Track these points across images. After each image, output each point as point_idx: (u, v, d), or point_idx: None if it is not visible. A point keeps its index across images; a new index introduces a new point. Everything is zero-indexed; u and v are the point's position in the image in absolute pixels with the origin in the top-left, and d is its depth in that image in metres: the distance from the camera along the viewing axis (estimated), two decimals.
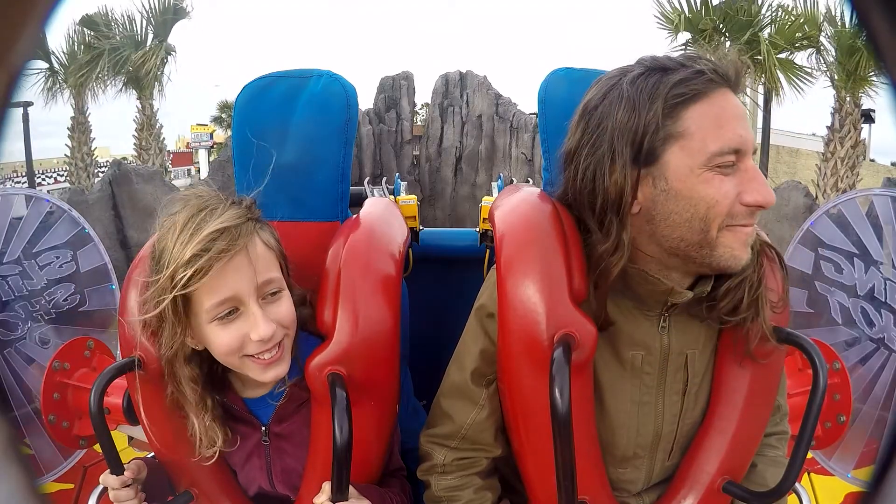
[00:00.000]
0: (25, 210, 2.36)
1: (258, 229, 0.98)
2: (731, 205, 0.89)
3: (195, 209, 0.94)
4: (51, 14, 0.38)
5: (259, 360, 0.97)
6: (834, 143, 8.95)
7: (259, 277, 0.95)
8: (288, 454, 1.08)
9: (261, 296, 0.96)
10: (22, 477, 0.40)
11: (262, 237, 0.99)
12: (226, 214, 0.94)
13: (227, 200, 0.98)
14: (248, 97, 1.27)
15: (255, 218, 0.99)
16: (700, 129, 0.88)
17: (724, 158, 0.88)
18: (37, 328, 2.30)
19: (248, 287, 0.94)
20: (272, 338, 0.96)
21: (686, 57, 0.93)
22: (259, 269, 0.95)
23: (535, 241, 0.99)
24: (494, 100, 8.90)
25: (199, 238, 0.90)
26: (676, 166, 0.89)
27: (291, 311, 1.00)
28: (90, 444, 1.98)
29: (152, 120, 11.14)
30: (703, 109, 0.89)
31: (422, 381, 1.45)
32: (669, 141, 0.89)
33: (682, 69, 0.90)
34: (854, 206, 2.26)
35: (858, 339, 2.22)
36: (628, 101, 0.90)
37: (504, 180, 1.90)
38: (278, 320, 0.97)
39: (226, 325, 0.95)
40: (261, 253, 0.97)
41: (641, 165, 0.91)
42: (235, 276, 0.93)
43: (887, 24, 0.39)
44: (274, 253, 1.00)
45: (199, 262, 0.89)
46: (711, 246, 0.90)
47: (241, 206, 0.98)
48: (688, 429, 1.06)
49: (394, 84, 9.04)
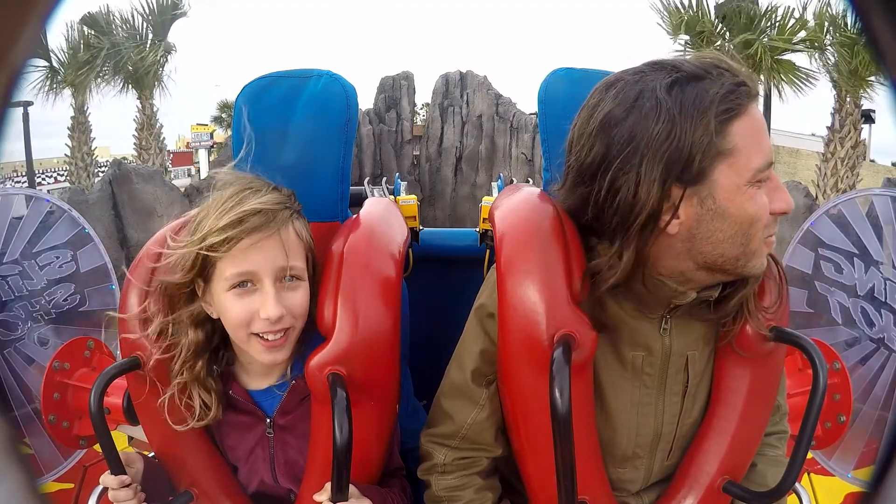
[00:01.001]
0: (25, 210, 2.36)
1: (293, 218, 1.04)
2: (766, 216, 0.89)
3: (241, 187, 1.01)
4: (51, 14, 0.38)
5: (263, 340, 1.00)
6: (834, 144, 8.96)
7: (282, 261, 0.99)
8: (291, 446, 1.09)
9: (279, 279, 1.00)
10: (22, 477, 0.40)
11: (296, 226, 1.04)
12: (267, 197, 1.00)
13: (270, 186, 1.04)
14: (248, 97, 1.27)
15: (293, 208, 1.05)
16: (745, 146, 0.86)
17: (765, 174, 0.88)
18: (37, 328, 2.30)
19: (269, 267, 0.98)
20: (280, 321, 0.99)
21: (709, 64, 0.88)
22: (284, 254, 0.99)
23: (535, 241, 0.99)
24: (494, 100, 8.91)
25: (237, 211, 0.96)
26: (725, 185, 0.86)
27: (305, 303, 1.03)
28: (90, 444, 1.98)
29: (152, 119, 11.15)
30: (745, 124, 0.87)
31: (422, 381, 1.45)
32: (718, 158, 0.85)
33: (716, 79, 0.86)
34: (854, 206, 2.26)
35: (858, 339, 2.22)
36: (668, 115, 0.83)
37: (504, 180, 1.90)
38: (289, 307, 1.00)
39: (240, 296, 0.99)
40: (291, 240, 1.02)
41: (687, 184, 0.85)
42: (261, 254, 0.98)
43: (888, 25, 0.39)
44: (303, 244, 1.04)
45: (230, 231, 0.95)
46: (748, 258, 0.90)
47: (282, 194, 1.04)
48: (687, 429, 1.06)
49: (394, 84, 9.04)
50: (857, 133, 9.00)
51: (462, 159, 8.71)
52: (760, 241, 0.90)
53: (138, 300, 1.05)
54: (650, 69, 0.89)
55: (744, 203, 0.87)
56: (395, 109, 8.92)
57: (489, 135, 8.75)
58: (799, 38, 9.04)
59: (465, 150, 8.71)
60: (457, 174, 8.74)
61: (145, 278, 1.06)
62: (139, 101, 11.09)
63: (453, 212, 8.61)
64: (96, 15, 10.55)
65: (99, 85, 10.68)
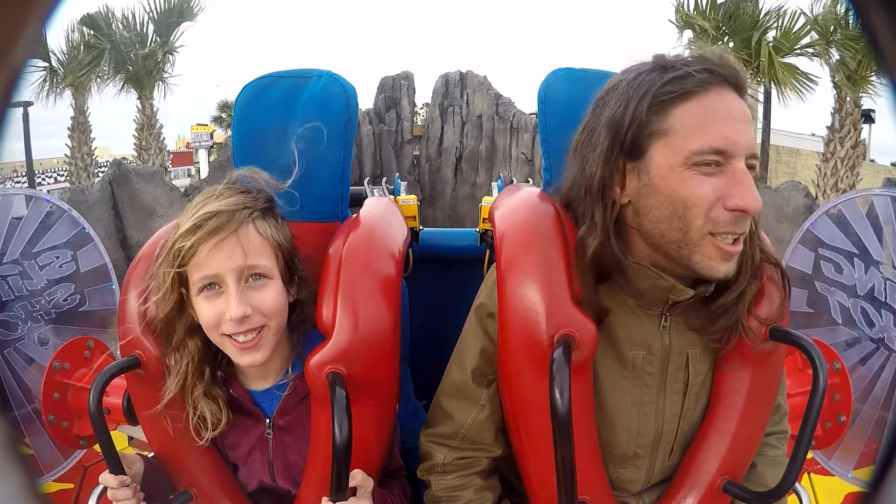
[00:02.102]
0: (25, 210, 2.36)
1: (256, 218, 1.02)
2: (711, 208, 0.87)
3: (206, 195, 1.02)
4: (51, 14, 0.38)
5: (235, 341, 1.00)
6: (834, 144, 8.95)
7: (241, 261, 0.98)
8: (290, 448, 1.09)
9: (244, 279, 0.99)
10: (22, 477, 0.40)
11: (259, 225, 1.02)
12: (224, 201, 1.00)
13: (239, 191, 1.03)
14: (248, 97, 1.27)
15: (255, 207, 1.02)
16: (684, 128, 0.88)
17: (704, 157, 0.87)
18: (37, 328, 2.30)
19: (229, 267, 0.98)
20: (247, 320, 0.98)
21: (695, 57, 0.93)
22: (244, 255, 0.98)
23: (535, 241, 0.99)
24: (494, 100, 8.90)
25: (196, 215, 0.97)
26: (658, 163, 0.90)
27: (276, 301, 1.02)
28: (90, 444, 1.98)
29: (152, 120, 11.13)
30: (690, 108, 0.89)
31: (422, 381, 1.45)
32: (654, 137, 0.90)
33: (683, 68, 0.90)
34: (854, 206, 2.26)
35: (858, 339, 2.22)
36: (622, 96, 0.91)
37: (504, 180, 1.90)
38: (257, 306, 0.99)
39: (208, 299, 0.99)
40: (252, 239, 1.00)
41: (627, 158, 0.92)
42: (220, 255, 0.97)
43: (888, 25, 0.39)
44: (269, 243, 1.02)
45: (190, 238, 0.96)
46: (690, 249, 0.90)
47: (247, 196, 1.03)
48: (688, 429, 1.06)
49: (394, 84, 9.03)
50: (857, 133, 8.99)
51: (462, 159, 8.70)
52: (703, 235, 0.88)
53: (138, 300, 1.05)
54: (645, 62, 0.95)
55: (675, 184, 0.89)
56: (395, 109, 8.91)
57: (489, 135, 8.75)
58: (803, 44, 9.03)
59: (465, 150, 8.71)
60: (457, 174, 8.74)
61: (144, 278, 1.06)
62: (139, 102, 11.07)
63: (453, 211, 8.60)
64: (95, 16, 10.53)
65: (99, 85, 10.67)
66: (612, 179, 0.93)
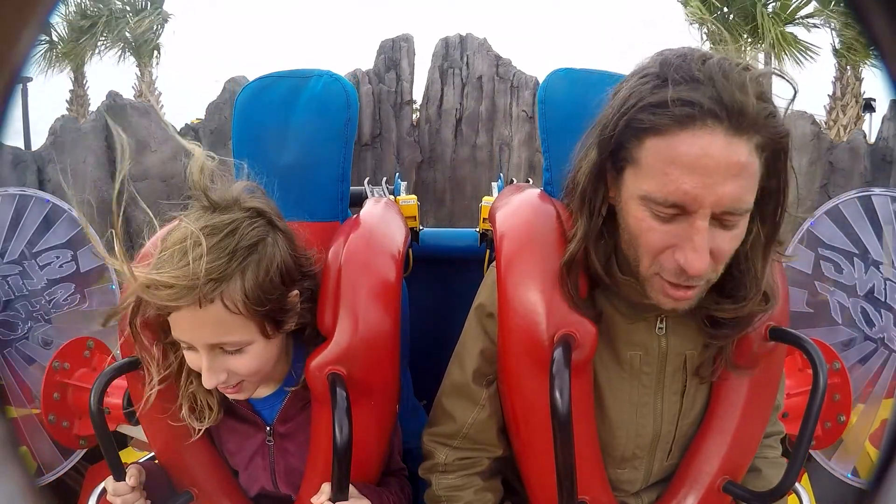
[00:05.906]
0: (26, 210, 2.36)
1: (224, 290, 0.87)
2: (659, 253, 0.85)
3: (179, 238, 0.87)
4: (51, 14, 0.38)
5: None
6: (836, 111, 8.91)
7: (209, 339, 0.89)
8: (291, 454, 1.08)
9: (215, 349, 0.91)
10: (22, 477, 0.40)
11: (227, 300, 0.87)
12: (182, 270, 0.84)
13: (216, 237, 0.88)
14: (249, 97, 1.27)
15: (221, 279, 0.86)
16: (648, 166, 0.82)
17: (657, 208, 0.82)
18: (37, 328, 2.30)
19: (197, 339, 0.90)
20: (224, 381, 0.94)
21: (703, 71, 0.79)
22: (211, 332, 0.89)
23: (535, 241, 0.99)
24: (495, 61, 8.82)
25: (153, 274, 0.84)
26: (627, 186, 0.86)
27: (253, 363, 0.94)
28: (90, 444, 1.98)
29: (151, 87, 10.98)
30: (659, 147, 0.80)
31: (422, 381, 1.45)
32: (628, 160, 0.85)
33: (680, 86, 0.79)
34: (854, 206, 2.26)
35: (858, 339, 2.22)
36: (615, 105, 0.86)
37: (504, 180, 1.90)
38: (233, 370, 0.93)
39: (188, 350, 0.94)
40: (218, 317, 0.87)
41: (611, 170, 0.88)
42: (186, 324, 0.89)
43: (887, 25, 0.39)
44: (240, 317, 0.89)
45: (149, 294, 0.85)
46: (643, 273, 0.88)
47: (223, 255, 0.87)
48: (687, 429, 1.06)
49: (394, 46, 8.96)
50: (858, 107, 8.92)
51: (462, 120, 8.64)
52: (652, 274, 0.87)
53: None
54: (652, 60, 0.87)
55: (628, 213, 0.87)
56: (394, 70, 8.85)
57: (489, 95, 8.67)
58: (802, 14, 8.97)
59: (465, 112, 8.64)
60: (457, 136, 8.66)
61: None
62: (138, 69, 10.92)
63: (453, 174, 8.51)
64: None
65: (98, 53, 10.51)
66: (598, 191, 0.90)
